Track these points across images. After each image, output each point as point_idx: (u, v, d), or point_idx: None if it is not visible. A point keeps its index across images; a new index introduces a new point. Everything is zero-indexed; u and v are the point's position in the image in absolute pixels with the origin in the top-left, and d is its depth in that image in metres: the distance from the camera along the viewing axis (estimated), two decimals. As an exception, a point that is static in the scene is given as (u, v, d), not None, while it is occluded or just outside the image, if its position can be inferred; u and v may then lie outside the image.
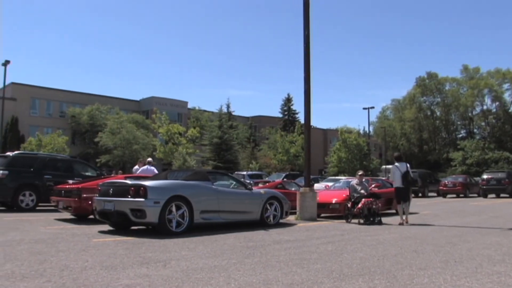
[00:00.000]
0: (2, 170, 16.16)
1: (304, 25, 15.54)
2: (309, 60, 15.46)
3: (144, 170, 16.46)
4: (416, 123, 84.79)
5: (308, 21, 15.55)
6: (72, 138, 61.62)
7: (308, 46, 15.47)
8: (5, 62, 41.81)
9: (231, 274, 5.82)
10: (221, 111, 58.25)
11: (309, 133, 15.64)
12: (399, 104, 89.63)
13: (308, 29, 15.51)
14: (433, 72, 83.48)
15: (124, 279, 5.41)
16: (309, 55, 15.49)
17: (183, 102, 73.87)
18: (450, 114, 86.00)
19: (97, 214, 10.62)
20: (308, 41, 15.49)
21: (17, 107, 60.66)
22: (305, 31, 15.49)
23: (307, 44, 15.48)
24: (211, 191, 10.77)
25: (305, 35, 15.50)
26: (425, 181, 35.38)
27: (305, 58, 15.47)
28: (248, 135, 69.53)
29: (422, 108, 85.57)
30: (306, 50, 15.48)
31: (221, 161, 49.40)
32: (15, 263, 6.25)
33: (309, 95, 15.38)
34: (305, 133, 15.93)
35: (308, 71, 15.40)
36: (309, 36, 15.51)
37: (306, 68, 15.40)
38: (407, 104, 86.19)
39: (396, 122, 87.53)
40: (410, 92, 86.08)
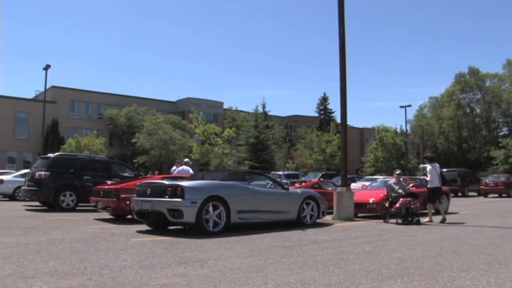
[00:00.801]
0: (44, 171, 16.58)
1: (339, 24, 15.42)
2: (345, 58, 15.34)
3: (180, 170, 16.60)
4: (455, 121, 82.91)
5: (343, 19, 15.43)
6: (109, 139, 62.67)
7: (343, 45, 15.35)
8: (45, 67, 42.81)
9: (268, 274, 5.81)
10: (257, 111, 58.18)
11: (346, 132, 15.52)
12: (437, 102, 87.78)
13: (343, 27, 15.38)
14: (475, 68, 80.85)
15: (162, 278, 5.46)
16: (345, 53, 15.36)
17: (219, 102, 74.24)
18: (491, 111, 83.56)
19: (135, 214, 10.75)
20: (343, 39, 15.37)
21: (57, 110, 62.10)
22: (340, 29, 15.37)
23: (342, 42, 15.36)
24: (247, 191, 10.78)
25: (340, 33, 15.38)
26: (464, 181, 34.68)
27: (340, 57, 15.35)
28: (284, 135, 69.35)
29: (461, 105, 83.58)
30: (341, 48, 15.36)
31: (257, 161, 49.39)
32: (58, 261, 6.39)
33: (345, 93, 15.26)
34: (342, 132, 15.81)
35: (343, 70, 15.27)
36: (344, 34, 15.39)
37: (342, 67, 15.28)
38: (445, 101, 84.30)
39: (434, 120, 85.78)
40: (449, 89, 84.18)
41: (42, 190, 16.54)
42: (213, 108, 72.46)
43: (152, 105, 66.40)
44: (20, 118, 62.21)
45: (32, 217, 13.45)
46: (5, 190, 23.44)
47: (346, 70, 15.33)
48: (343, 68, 15.28)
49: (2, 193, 23.73)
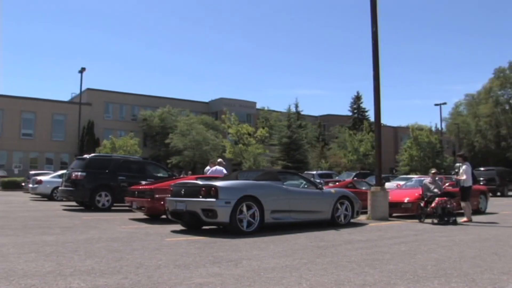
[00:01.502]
0: (80, 172, 16.87)
1: (371, 22, 15.28)
2: (378, 56, 15.18)
3: (214, 170, 16.66)
4: (493, 119, 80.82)
5: (376, 17, 15.27)
6: (143, 140, 63.40)
7: (376, 43, 15.20)
8: (81, 70, 43.66)
9: (302, 274, 5.79)
10: (289, 111, 58.09)
11: (380, 131, 15.36)
12: (473, 99, 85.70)
13: (376, 25, 15.23)
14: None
15: (196, 277, 5.50)
16: (378, 51, 15.20)
17: (252, 102, 74.35)
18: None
19: (169, 214, 10.84)
20: (376, 37, 15.22)
21: (93, 112, 63.17)
22: (373, 28, 15.22)
23: (375, 40, 15.20)
24: (281, 191, 10.76)
25: (373, 31, 15.23)
26: (503, 180, 33.89)
27: (373, 55, 15.20)
28: (317, 134, 69.08)
29: (499, 102, 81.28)
30: (374, 46, 15.20)
31: (291, 161, 49.28)
32: (95, 260, 6.50)
33: (378, 92, 15.10)
34: (376, 131, 15.66)
35: (377, 68, 15.12)
36: (377, 32, 15.24)
37: (375, 65, 15.13)
38: (482, 98, 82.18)
39: (470, 118, 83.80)
40: (486, 85, 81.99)
41: (78, 191, 16.84)
42: (246, 108, 72.60)
43: (185, 106, 66.94)
44: (57, 120, 63.53)
45: (70, 217, 13.71)
46: (44, 190, 23.96)
47: (379, 68, 15.18)
48: (376, 66, 15.12)
49: (40, 193, 24.26)
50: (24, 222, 11.90)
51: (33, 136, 62.38)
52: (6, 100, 60.81)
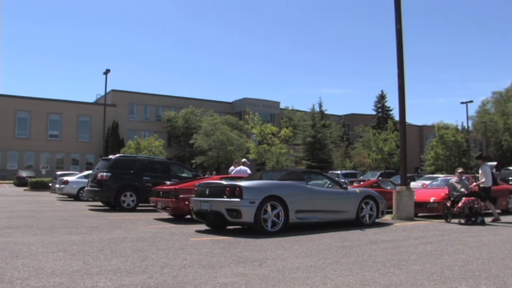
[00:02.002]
0: (105, 173, 17.03)
1: (395, 19, 15.14)
2: (402, 55, 15.04)
3: (238, 170, 16.68)
4: (521, 117, 79.45)
5: (400, 15, 15.13)
6: (168, 140, 63.84)
7: (400, 41, 15.06)
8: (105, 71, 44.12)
9: (327, 274, 5.77)
10: (313, 110, 58.00)
11: (405, 130, 15.21)
12: (501, 97, 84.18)
13: (400, 23, 15.09)
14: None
15: (221, 277, 5.51)
16: (402, 49, 15.06)
17: (275, 102, 74.37)
18: None
19: (194, 214, 10.87)
20: (400, 35, 15.08)
21: (117, 113, 63.87)
22: (397, 25, 15.09)
23: (399, 38, 15.06)
24: (306, 191, 10.73)
25: (397, 29, 15.09)
26: (533, 180, 33.25)
27: (397, 53, 15.06)
28: (342, 133, 68.80)
29: (528, 99, 79.88)
30: (398, 44, 15.07)
31: (315, 161, 49.16)
32: (120, 259, 6.56)
33: (403, 91, 14.96)
34: (401, 130, 15.51)
35: (401, 66, 14.98)
36: (401, 30, 15.09)
37: (399, 63, 14.99)
38: (510, 96, 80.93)
39: (498, 116, 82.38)
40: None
41: (104, 191, 16.99)
42: (270, 108, 72.66)
43: (209, 106, 67.24)
44: (82, 121, 64.40)
45: (95, 217, 13.85)
46: (70, 190, 24.26)
47: (404, 66, 15.04)
48: (400, 65, 14.99)
49: (67, 193, 24.57)
50: (51, 221, 12.07)
51: (59, 137, 63.37)
52: (34, 102, 61.87)
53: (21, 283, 5.02)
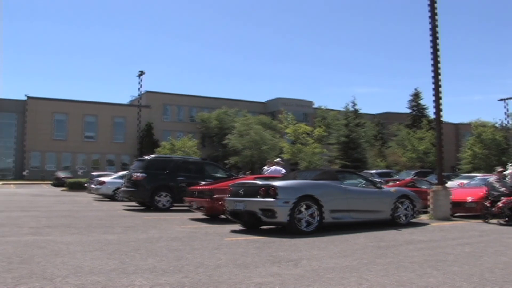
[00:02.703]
0: (140, 173, 17.20)
1: (430, 16, 14.90)
2: (437, 52, 14.79)
3: (272, 170, 16.64)
4: None
5: (435, 11, 14.88)
6: (201, 141, 64.24)
7: (435, 37, 14.81)
8: (139, 73, 44.72)
9: (362, 274, 5.71)
10: (347, 109, 57.49)
11: (440, 128, 14.97)
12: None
13: (434, 19, 14.85)
14: None
15: (256, 277, 5.51)
16: (437, 46, 14.82)
17: (309, 102, 74.16)
18: None
19: (228, 214, 10.92)
20: (435, 32, 14.83)
21: (151, 114, 64.62)
22: (432, 22, 14.85)
23: (434, 35, 14.82)
24: (340, 190, 10.66)
25: (432, 25, 14.86)
26: None
27: (432, 50, 14.82)
28: (376, 132, 68.01)
29: None
30: (433, 41, 14.83)
31: (349, 160, 48.76)
32: (156, 259, 6.62)
33: (438, 88, 14.72)
34: (436, 129, 15.26)
35: (436, 64, 14.74)
36: (436, 26, 14.85)
37: (434, 61, 14.75)
38: (551, 92, 78.52)
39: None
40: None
41: (139, 191, 17.16)
42: (303, 107, 72.51)
43: (242, 106, 67.45)
44: (117, 123, 65.38)
45: (131, 217, 14.02)
46: (106, 191, 24.62)
47: (439, 63, 14.79)
48: (435, 62, 14.75)
49: (103, 193, 24.94)
50: (88, 221, 12.27)
51: (95, 139, 64.50)
52: (70, 105, 63.13)
53: (61, 281, 5.13)
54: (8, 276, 5.34)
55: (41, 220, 12.26)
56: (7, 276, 5.34)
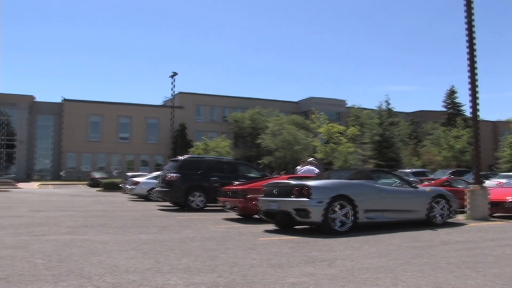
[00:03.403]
0: (174, 173, 17.34)
1: (466, 11, 14.60)
2: (473, 48, 14.49)
3: (306, 170, 16.58)
4: None
5: (470, 7, 14.57)
6: (234, 141, 64.45)
7: (471, 33, 14.51)
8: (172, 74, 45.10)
9: (398, 275, 5.63)
10: (380, 108, 56.87)
11: (477, 126, 14.67)
12: None
13: (470, 15, 14.54)
14: None
15: (290, 277, 5.48)
16: (473, 43, 14.51)
17: (341, 101, 73.73)
18: None
19: (262, 214, 10.92)
20: (471, 27, 14.53)
21: (185, 115, 65.16)
22: (468, 17, 14.55)
23: (470, 31, 14.52)
24: (374, 190, 10.55)
25: (468, 21, 14.55)
26: None
27: (468, 46, 14.53)
28: (410, 131, 67.12)
29: None
30: (469, 37, 14.52)
31: (383, 159, 48.23)
32: (190, 258, 6.66)
33: (474, 85, 14.42)
34: (473, 127, 14.97)
35: (472, 60, 14.44)
36: (471, 22, 14.54)
37: (470, 57, 14.46)
38: None
39: None
40: None
41: (173, 191, 17.29)
42: (336, 106, 72.13)
43: (275, 106, 67.41)
44: (151, 124, 66.15)
45: (165, 217, 14.15)
46: (140, 191, 24.90)
47: (475, 60, 14.49)
48: (471, 58, 14.45)
49: (137, 194, 25.24)
50: (123, 221, 12.43)
51: (129, 140, 65.40)
52: (105, 106, 64.17)
53: (98, 279, 5.22)
54: (48, 274, 5.47)
55: (78, 220, 12.49)
56: (47, 274, 5.48)
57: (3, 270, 5.69)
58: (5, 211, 15.64)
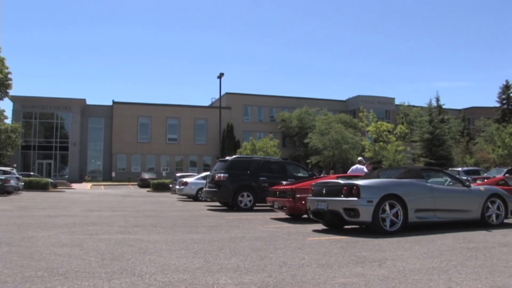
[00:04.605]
0: (223, 173, 17.47)
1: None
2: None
3: (354, 169, 16.43)
4: None
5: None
6: (282, 140, 64.46)
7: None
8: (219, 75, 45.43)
9: (451, 277, 5.47)
10: (430, 105, 55.72)
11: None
12: None
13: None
14: None
15: (340, 277, 5.42)
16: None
17: (390, 98, 72.67)
18: None
19: (311, 214, 10.87)
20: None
21: (232, 115, 65.60)
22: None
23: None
24: (425, 189, 10.32)
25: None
26: None
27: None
28: (462, 128, 65.50)
29: None
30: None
31: (433, 157, 47.22)
32: (239, 258, 6.67)
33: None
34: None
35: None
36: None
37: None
38: None
39: None
40: None
41: (221, 191, 17.43)
42: (384, 104, 71.17)
43: (322, 105, 67.13)
44: (199, 124, 66.97)
45: (214, 216, 14.26)
46: (189, 191, 25.22)
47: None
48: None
49: (186, 194, 25.57)
50: (173, 221, 12.60)
51: (177, 141, 66.41)
52: (154, 108, 65.34)
53: (149, 278, 5.30)
54: (102, 271, 5.61)
55: (129, 220, 12.74)
56: (101, 271, 5.61)
57: (61, 266, 5.89)
58: (61, 210, 16.12)
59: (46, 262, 6.14)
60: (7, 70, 38.66)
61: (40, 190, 35.42)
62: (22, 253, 6.85)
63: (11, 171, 33.49)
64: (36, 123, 63.29)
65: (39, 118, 63.45)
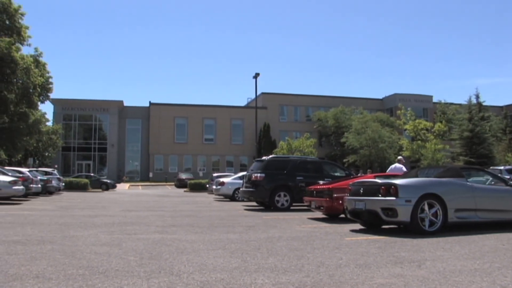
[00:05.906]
0: (259, 173, 17.49)
1: None
2: None
3: (393, 168, 16.24)
4: None
5: None
6: (318, 140, 64.15)
7: None
8: (255, 75, 45.54)
9: (495, 279, 5.32)
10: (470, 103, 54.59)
11: None
12: None
13: None
14: None
15: (378, 278, 5.36)
16: None
17: (428, 96, 71.64)
18: None
19: (348, 213, 10.81)
20: None
21: (268, 115, 65.64)
22: None
23: None
24: (466, 188, 10.11)
25: None
26: None
27: None
28: (503, 126, 63.97)
29: None
30: None
31: (473, 156, 46.24)
32: (277, 258, 6.66)
33: None
34: None
35: None
36: None
37: None
38: None
39: None
40: None
41: (258, 191, 17.45)
42: (422, 102, 70.21)
43: (358, 104, 66.60)
44: (235, 125, 67.24)
45: (251, 216, 14.28)
46: (226, 191, 25.34)
47: None
48: None
49: (223, 194, 25.70)
50: (210, 221, 12.66)
51: (214, 141, 66.84)
52: (190, 109, 65.93)
53: (187, 277, 5.34)
54: (140, 270, 5.69)
55: (167, 220, 12.87)
56: (140, 270, 5.69)
57: (101, 265, 5.99)
58: (100, 210, 16.42)
59: (86, 261, 6.27)
60: (48, 74, 39.59)
61: (80, 191, 36.67)
62: (64, 252, 7.01)
63: (52, 172, 34.39)
64: (75, 125, 64.77)
65: (78, 120, 64.93)
